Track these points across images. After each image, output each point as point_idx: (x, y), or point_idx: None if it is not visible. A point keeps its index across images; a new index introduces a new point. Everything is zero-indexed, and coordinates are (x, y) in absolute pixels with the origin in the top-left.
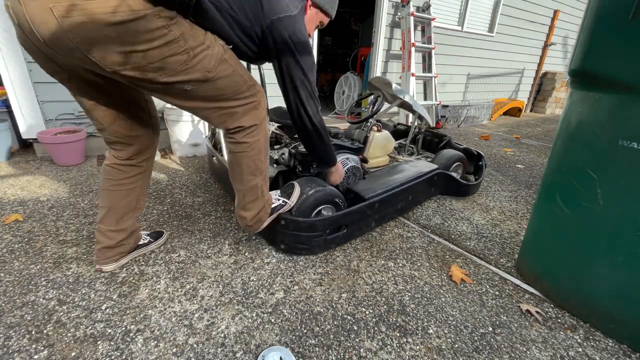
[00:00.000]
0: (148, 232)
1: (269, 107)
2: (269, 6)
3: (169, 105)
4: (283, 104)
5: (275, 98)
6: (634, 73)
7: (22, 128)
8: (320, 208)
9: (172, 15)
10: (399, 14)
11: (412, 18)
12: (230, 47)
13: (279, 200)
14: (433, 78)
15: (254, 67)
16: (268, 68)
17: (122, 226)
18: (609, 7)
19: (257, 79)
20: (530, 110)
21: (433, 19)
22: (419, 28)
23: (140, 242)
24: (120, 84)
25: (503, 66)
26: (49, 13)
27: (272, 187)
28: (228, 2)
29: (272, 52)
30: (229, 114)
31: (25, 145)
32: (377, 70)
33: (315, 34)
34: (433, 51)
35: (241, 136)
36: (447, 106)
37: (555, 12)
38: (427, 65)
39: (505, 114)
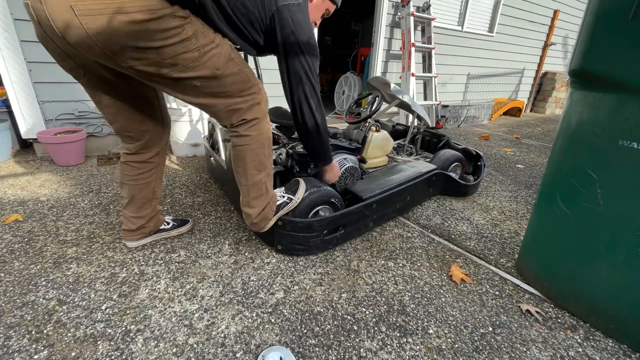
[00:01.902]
0: (173, 218)
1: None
2: None
3: (168, 105)
4: (282, 104)
5: (273, 98)
6: (634, 73)
7: (22, 128)
8: (317, 209)
9: (186, 14)
10: (399, 14)
11: (412, 18)
12: (238, 47)
13: (283, 197)
14: (433, 78)
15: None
16: (267, 68)
17: (142, 214)
18: (609, 7)
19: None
20: (530, 110)
21: (433, 19)
22: (419, 28)
23: (162, 227)
24: (132, 79)
25: (503, 66)
26: (69, 11)
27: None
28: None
29: (276, 43)
30: (234, 110)
31: (25, 145)
32: (377, 70)
33: (316, 33)
34: (433, 51)
35: (244, 129)
36: (447, 106)
37: (555, 12)
38: (427, 65)
39: (505, 114)
